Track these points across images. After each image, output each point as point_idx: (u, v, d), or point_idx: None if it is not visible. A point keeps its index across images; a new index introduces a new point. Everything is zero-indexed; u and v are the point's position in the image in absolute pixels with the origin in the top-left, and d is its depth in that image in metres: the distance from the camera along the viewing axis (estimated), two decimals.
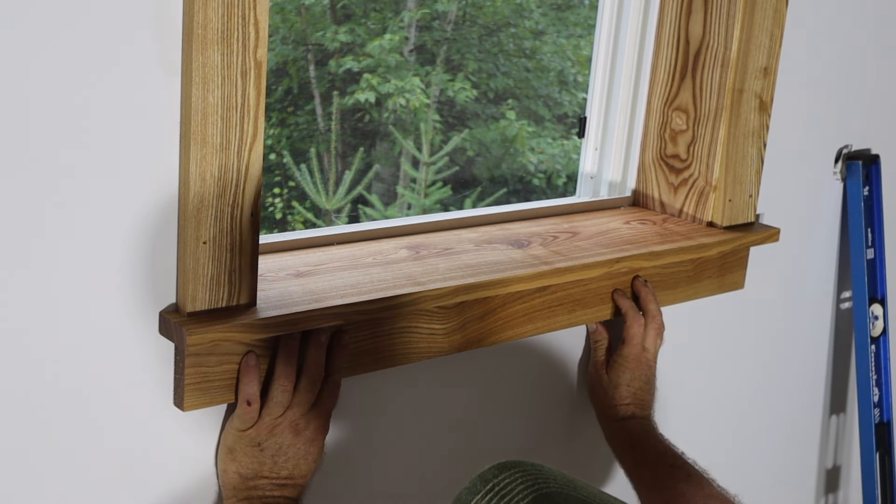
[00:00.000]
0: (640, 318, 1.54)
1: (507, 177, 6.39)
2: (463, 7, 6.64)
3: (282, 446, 1.20)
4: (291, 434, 1.20)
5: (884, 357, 2.05)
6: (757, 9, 1.60)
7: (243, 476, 1.19)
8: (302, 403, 1.21)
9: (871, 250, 2.01)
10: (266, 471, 1.19)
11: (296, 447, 1.20)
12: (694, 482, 1.39)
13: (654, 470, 1.43)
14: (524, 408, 1.57)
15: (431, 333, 1.36)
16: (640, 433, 1.49)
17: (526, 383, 1.55)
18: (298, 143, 6.06)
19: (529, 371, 1.55)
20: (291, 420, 1.20)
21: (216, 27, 1.08)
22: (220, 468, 1.21)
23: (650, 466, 1.44)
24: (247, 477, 1.19)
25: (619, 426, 1.51)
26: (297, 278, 1.28)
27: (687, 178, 1.69)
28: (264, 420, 1.19)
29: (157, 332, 1.15)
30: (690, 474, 1.40)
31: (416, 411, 1.43)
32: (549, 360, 1.58)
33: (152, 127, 1.09)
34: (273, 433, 1.19)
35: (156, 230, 1.12)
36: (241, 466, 1.19)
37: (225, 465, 1.20)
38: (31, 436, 1.10)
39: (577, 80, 6.74)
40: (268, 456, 1.19)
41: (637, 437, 1.48)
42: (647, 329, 1.54)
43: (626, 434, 1.49)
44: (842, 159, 1.96)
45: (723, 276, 1.73)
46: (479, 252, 1.45)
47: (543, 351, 1.56)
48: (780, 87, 1.70)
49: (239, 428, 1.19)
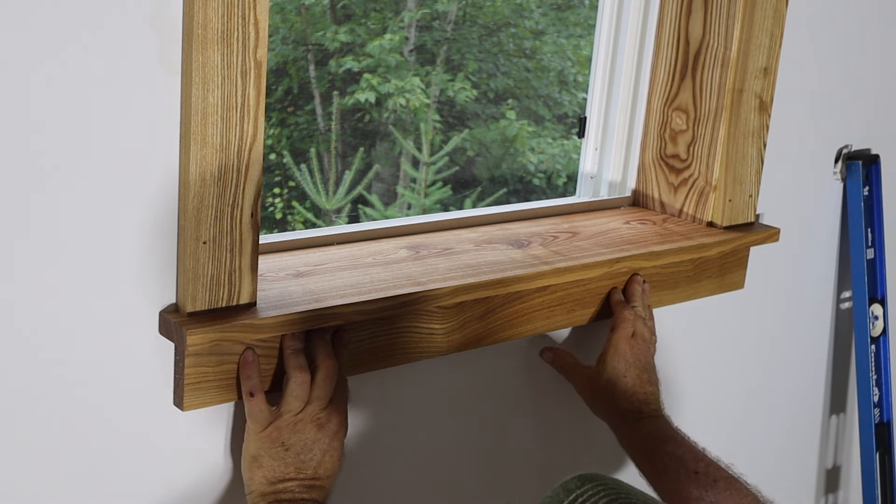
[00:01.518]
0: (628, 306, 1.51)
1: (507, 177, 6.39)
2: (463, 7, 6.64)
3: (307, 443, 1.18)
4: (315, 429, 1.19)
5: (884, 357, 2.05)
6: (757, 9, 1.60)
7: (271, 481, 1.17)
8: (321, 398, 1.20)
9: (871, 250, 2.01)
10: (293, 472, 1.18)
11: (321, 442, 1.19)
12: (722, 488, 1.32)
13: (677, 480, 1.36)
14: (524, 407, 1.57)
15: (431, 333, 1.36)
16: (656, 438, 1.40)
17: (526, 383, 1.55)
18: (298, 143, 6.06)
19: (529, 371, 1.55)
20: (312, 415, 1.19)
21: (216, 27, 1.08)
22: (246, 478, 1.19)
23: (672, 476, 1.36)
24: (274, 481, 1.17)
25: (631, 431, 1.43)
26: (297, 278, 1.28)
27: (687, 178, 1.69)
28: (285, 418, 1.18)
29: (157, 332, 1.15)
30: (717, 480, 1.33)
31: (416, 411, 1.43)
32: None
33: (152, 127, 1.09)
34: (296, 430, 1.18)
35: (156, 230, 1.12)
36: (268, 471, 1.18)
37: (251, 473, 1.18)
38: (31, 436, 1.10)
39: (577, 80, 6.74)
40: (294, 455, 1.18)
41: (653, 443, 1.40)
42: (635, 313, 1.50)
43: (641, 441, 1.41)
44: (842, 159, 1.96)
45: (723, 276, 1.73)
46: (479, 252, 1.45)
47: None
48: (780, 87, 1.70)
49: (257, 430, 1.18)
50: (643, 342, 1.49)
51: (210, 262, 1.14)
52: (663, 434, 1.41)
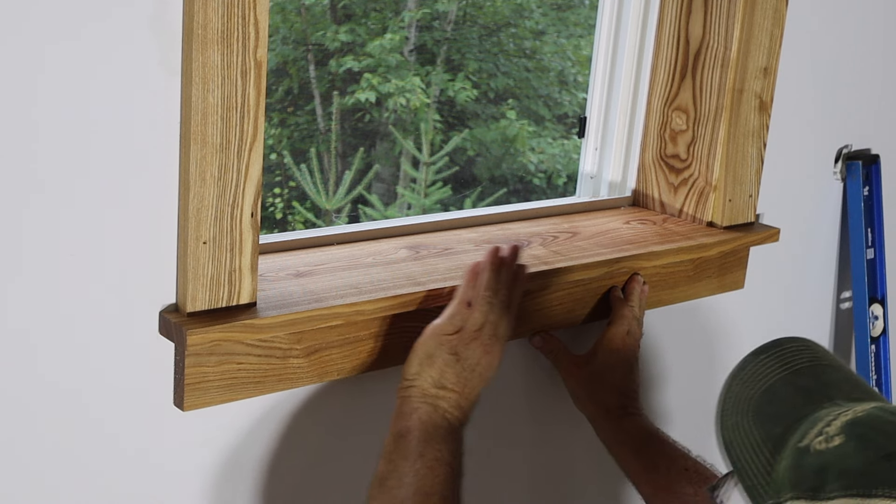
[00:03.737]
0: (627, 304, 1.51)
1: (508, 177, 6.39)
2: (463, 7, 6.65)
3: (471, 362, 1.24)
4: (481, 351, 1.24)
5: (884, 357, 2.05)
6: (757, 9, 1.60)
7: (437, 384, 1.23)
8: (494, 324, 1.25)
9: (871, 250, 2.01)
10: (455, 383, 1.23)
11: (481, 366, 1.25)
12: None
13: (669, 475, 1.38)
14: (524, 407, 1.57)
15: None
16: (643, 434, 1.43)
17: (525, 382, 1.55)
18: (298, 143, 6.06)
19: (529, 370, 1.54)
20: (485, 338, 1.25)
21: (216, 27, 1.08)
22: (413, 371, 1.23)
23: (663, 472, 1.39)
24: (440, 386, 1.23)
25: (616, 426, 1.45)
26: (297, 278, 1.28)
27: (687, 178, 1.69)
28: (467, 329, 1.24)
29: (157, 332, 1.15)
30: (707, 479, 1.35)
31: None
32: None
33: (152, 127, 1.09)
34: (469, 346, 1.24)
35: (156, 230, 1.12)
36: (437, 373, 1.23)
37: (420, 368, 1.23)
38: (31, 436, 1.10)
39: (577, 80, 6.75)
40: (460, 368, 1.23)
41: (640, 439, 1.43)
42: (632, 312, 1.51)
43: (626, 435, 1.44)
44: (842, 159, 1.96)
45: (723, 276, 1.73)
46: (479, 252, 1.45)
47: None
48: (780, 87, 1.70)
49: (446, 331, 1.24)
50: (634, 341, 1.50)
51: (210, 262, 1.14)
52: (649, 431, 1.44)
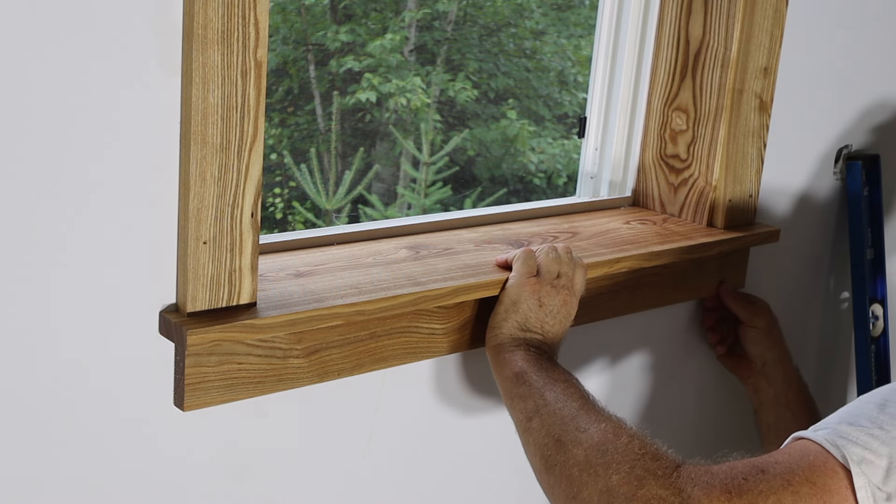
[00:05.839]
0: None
1: (508, 177, 6.39)
2: (463, 7, 6.64)
3: (552, 309, 1.36)
4: (561, 301, 1.37)
5: (884, 357, 2.05)
6: (757, 9, 1.60)
7: (522, 327, 1.34)
8: (569, 276, 1.39)
9: (871, 250, 2.01)
10: (539, 327, 1.35)
11: (561, 314, 1.37)
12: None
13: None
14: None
15: (431, 333, 1.36)
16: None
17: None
18: (299, 143, 6.06)
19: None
20: (562, 286, 1.37)
21: (216, 27, 1.08)
22: (499, 320, 1.35)
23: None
24: (525, 329, 1.35)
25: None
26: (297, 278, 1.28)
27: (687, 178, 1.69)
28: (545, 277, 1.37)
29: (157, 332, 1.15)
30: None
31: (416, 411, 1.43)
32: None
33: (152, 127, 1.09)
34: (550, 294, 1.36)
35: (156, 230, 1.12)
36: (522, 317, 1.35)
37: (506, 315, 1.35)
38: (31, 436, 1.10)
39: (577, 80, 6.75)
40: (543, 314, 1.35)
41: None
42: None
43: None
44: (842, 159, 1.96)
45: (723, 276, 1.73)
46: (479, 252, 1.45)
47: None
48: (780, 87, 1.70)
49: (525, 274, 1.36)
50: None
51: (210, 262, 1.14)
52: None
